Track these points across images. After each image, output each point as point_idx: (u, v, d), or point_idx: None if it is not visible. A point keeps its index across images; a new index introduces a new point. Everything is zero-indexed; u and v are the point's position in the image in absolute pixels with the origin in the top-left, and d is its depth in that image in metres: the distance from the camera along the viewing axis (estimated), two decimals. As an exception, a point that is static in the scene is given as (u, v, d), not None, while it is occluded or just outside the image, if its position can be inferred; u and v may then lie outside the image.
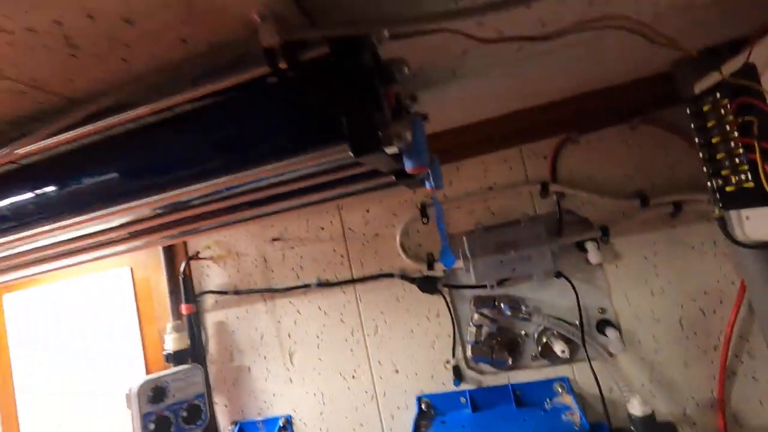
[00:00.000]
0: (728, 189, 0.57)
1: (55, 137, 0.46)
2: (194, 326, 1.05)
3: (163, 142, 0.45)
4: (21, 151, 0.47)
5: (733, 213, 0.62)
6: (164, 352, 0.97)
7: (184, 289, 1.05)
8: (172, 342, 0.97)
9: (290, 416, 1.01)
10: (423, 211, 0.94)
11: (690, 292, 0.83)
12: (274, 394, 1.02)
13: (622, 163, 0.86)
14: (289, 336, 1.02)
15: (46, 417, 1.18)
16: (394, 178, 0.54)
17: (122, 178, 0.45)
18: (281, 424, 1.00)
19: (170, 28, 0.36)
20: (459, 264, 0.89)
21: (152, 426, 0.84)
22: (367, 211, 0.99)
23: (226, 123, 0.42)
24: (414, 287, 0.95)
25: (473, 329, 0.87)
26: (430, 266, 0.93)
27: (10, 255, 0.69)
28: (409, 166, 0.38)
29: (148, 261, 1.13)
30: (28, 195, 0.50)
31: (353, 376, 0.98)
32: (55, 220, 0.51)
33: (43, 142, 0.46)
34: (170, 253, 1.09)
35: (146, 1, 0.32)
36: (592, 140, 0.88)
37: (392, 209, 0.97)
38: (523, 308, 0.84)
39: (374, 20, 0.35)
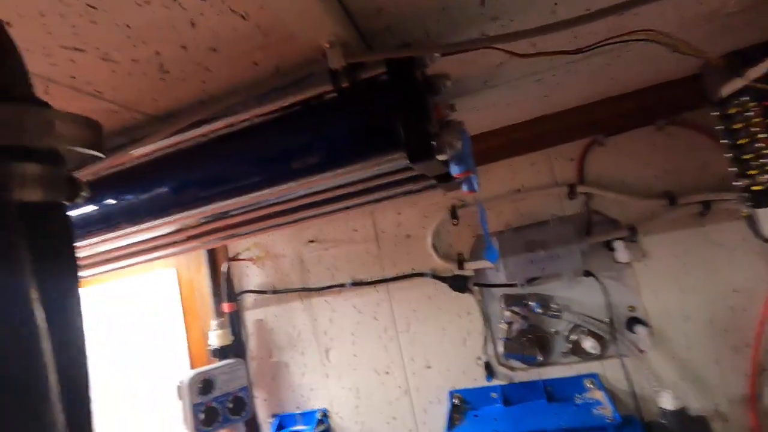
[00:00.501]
0: (755, 188, 0.59)
1: (134, 151, 0.52)
2: (235, 324, 1.11)
3: (229, 154, 0.51)
4: (104, 164, 0.53)
5: (761, 212, 0.64)
6: (209, 347, 1.03)
7: (225, 288, 1.12)
8: (216, 338, 1.03)
9: (326, 410, 1.06)
10: (453, 213, 0.98)
11: (720, 290, 0.84)
12: (311, 389, 1.08)
13: (649, 163, 0.88)
14: (325, 333, 1.07)
15: (99, 409, 1.26)
16: (435, 181, 0.58)
17: (193, 187, 0.51)
18: (318, 417, 1.04)
19: (247, 54, 0.41)
20: (489, 263, 0.93)
21: (202, 416, 0.90)
22: (399, 213, 1.04)
23: (287, 135, 0.47)
24: (445, 286, 0.98)
25: (504, 326, 0.90)
26: (461, 266, 0.97)
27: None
28: (456, 171, 0.42)
29: (191, 262, 1.20)
30: (107, 202, 0.56)
31: (387, 372, 1.02)
32: (115, 229, 0.56)
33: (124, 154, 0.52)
34: (212, 255, 1.16)
35: (233, 32, 0.37)
36: (619, 142, 0.90)
37: (423, 211, 1.02)
38: (553, 306, 0.87)
39: (428, 45, 0.39)
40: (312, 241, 1.09)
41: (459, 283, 0.97)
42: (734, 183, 0.63)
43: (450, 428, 0.86)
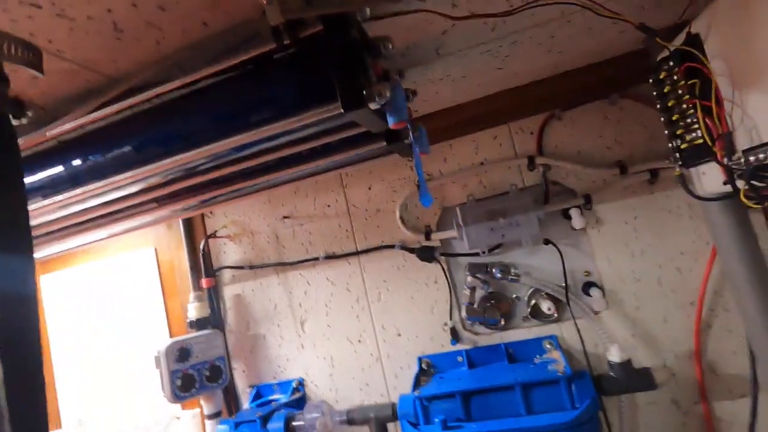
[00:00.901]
0: (683, 146, 0.63)
1: (93, 114, 0.55)
2: (214, 299, 1.15)
3: (187, 112, 0.54)
4: (67, 126, 0.56)
5: (693, 171, 0.68)
6: (187, 320, 1.07)
7: (203, 264, 1.15)
8: (194, 310, 1.06)
9: (302, 379, 1.10)
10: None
11: (668, 252, 0.89)
12: (287, 359, 1.12)
13: (602, 135, 0.93)
14: (300, 305, 1.11)
15: (83, 388, 1.29)
16: (385, 143, 0.62)
17: (154, 144, 0.54)
18: (294, 386, 1.09)
19: (195, 13, 0.45)
20: (453, 233, 0.97)
21: (179, 382, 0.94)
22: (369, 188, 1.07)
23: (238, 93, 0.51)
24: (413, 257, 1.03)
25: (467, 292, 0.95)
26: (428, 237, 1.01)
27: (46, 222, 0.79)
28: (391, 121, 0.46)
29: (170, 241, 1.23)
30: (70, 164, 0.60)
31: (359, 341, 1.06)
32: (85, 184, 0.59)
33: (84, 118, 0.55)
34: (190, 233, 1.19)
35: (178, -10, 0.41)
36: (575, 115, 0.95)
37: (392, 186, 1.06)
38: (513, 270, 0.91)
39: (355, 1, 0.43)
40: (286, 218, 1.13)
41: (426, 254, 1.01)
42: (668, 145, 0.68)
43: (415, 388, 0.91)
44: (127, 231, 0.95)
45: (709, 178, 0.65)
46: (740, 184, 0.54)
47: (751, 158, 0.50)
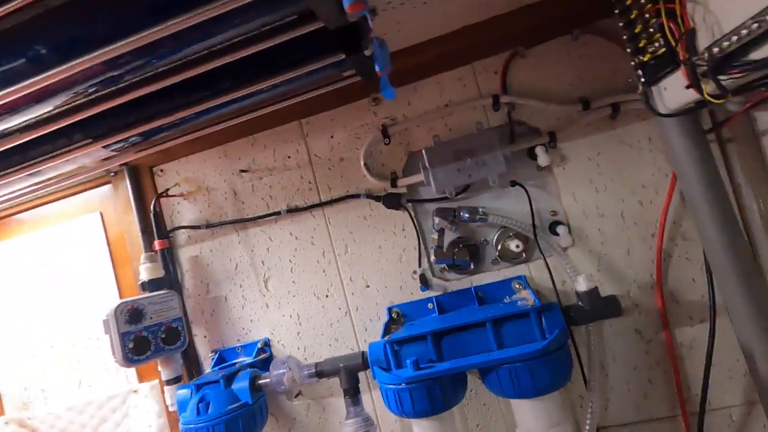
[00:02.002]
0: (647, 59, 0.63)
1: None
2: (169, 262, 1.07)
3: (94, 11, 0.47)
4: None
5: (654, 89, 0.68)
6: (139, 282, 0.99)
7: (155, 226, 1.07)
8: (146, 271, 0.99)
9: (268, 339, 1.05)
10: (384, 132, 0.98)
11: (630, 186, 0.90)
12: (251, 320, 1.06)
13: (566, 72, 0.92)
14: (262, 263, 1.06)
15: (28, 369, 1.19)
16: (343, 55, 0.57)
17: (73, 43, 0.47)
18: (260, 347, 1.04)
19: None
20: (420, 178, 0.95)
21: (131, 344, 0.87)
22: (332, 137, 1.03)
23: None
24: (380, 206, 0.99)
25: (435, 236, 0.92)
26: (394, 183, 0.98)
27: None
28: (345, 3, 0.42)
29: (117, 204, 1.14)
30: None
31: (327, 295, 1.03)
32: None
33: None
34: (139, 193, 1.11)
35: None
36: (538, 53, 0.93)
37: (355, 133, 1.01)
38: (481, 210, 0.90)
39: None
40: (244, 171, 1.06)
41: (392, 201, 0.98)
42: (631, 62, 0.67)
43: (385, 335, 0.88)
44: (61, 180, 0.86)
45: (670, 93, 0.64)
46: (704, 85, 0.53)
47: (715, 49, 0.49)
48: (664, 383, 0.89)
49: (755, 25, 0.42)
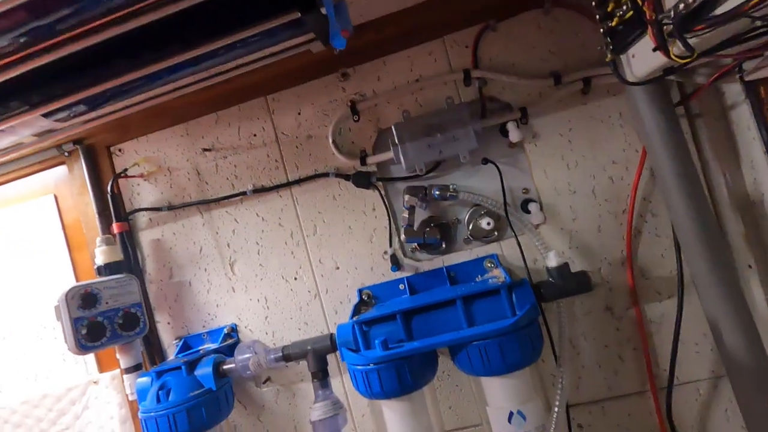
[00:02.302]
0: (615, 24, 0.61)
1: None
2: (128, 246, 1.02)
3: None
4: None
5: (623, 57, 0.67)
6: (95, 266, 0.94)
7: (113, 208, 1.02)
8: (102, 255, 0.93)
9: (235, 324, 1.01)
10: (353, 108, 0.95)
11: (601, 162, 0.89)
12: (217, 305, 1.02)
13: (537, 46, 0.90)
14: (228, 246, 1.02)
15: (-25, 357, 1.12)
16: (299, 13, 0.54)
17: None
18: (226, 332, 1.00)
19: None
20: (390, 155, 0.92)
21: (84, 330, 0.82)
22: (299, 113, 0.99)
23: None
24: (349, 185, 0.96)
25: (405, 214, 0.90)
26: (363, 162, 0.95)
27: None
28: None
29: (73, 186, 1.08)
30: None
31: (295, 278, 0.99)
32: None
33: None
34: (95, 174, 1.05)
35: None
36: (509, 26, 0.91)
37: (323, 109, 0.98)
38: (452, 187, 0.88)
39: None
40: (207, 150, 1.02)
41: (362, 180, 0.95)
42: (600, 29, 0.65)
43: (354, 316, 0.85)
44: (7, 153, 0.80)
45: (639, 60, 0.63)
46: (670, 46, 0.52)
47: (681, 6, 0.47)
48: (633, 360, 0.89)
49: (721, -25, 0.41)
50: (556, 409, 0.77)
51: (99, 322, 0.84)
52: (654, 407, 0.88)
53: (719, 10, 0.44)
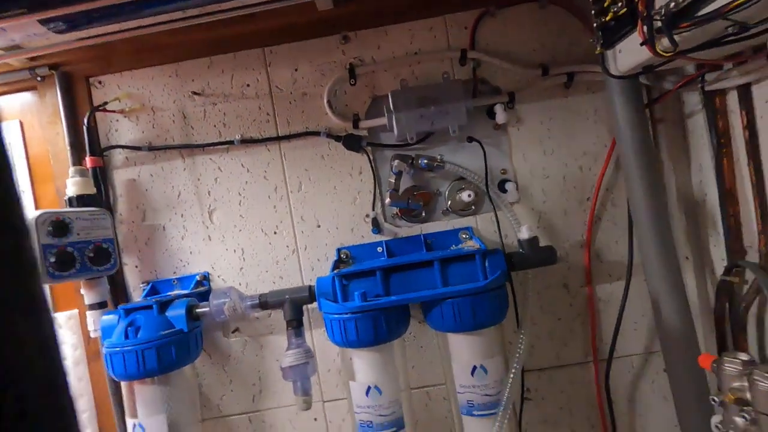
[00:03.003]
0: (608, 19, 0.68)
1: None
2: (100, 182, 0.98)
3: None
4: None
5: (610, 52, 0.74)
6: (66, 197, 0.90)
7: (88, 141, 0.97)
8: (74, 186, 0.89)
9: (208, 273, 1.01)
10: (351, 72, 0.97)
11: (573, 152, 0.97)
12: (191, 252, 1.01)
13: (530, 37, 0.97)
14: (208, 194, 1.01)
15: None
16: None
17: None
18: (198, 280, 0.99)
19: None
20: (382, 121, 0.95)
21: (53, 258, 0.79)
22: (296, 70, 0.99)
23: None
24: (339, 146, 0.98)
25: (392, 179, 0.94)
26: (356, 125, 0.97)
27: None
28: None
29: (43, 113, 1.01)
30: None
31: (275, 232, 1.00)
32: None
33: None
34: (71, 104, 0.99)
35: None
36: (507, 14, 0.97)
37: (321, 69, 0.99)
38: (439, 157, 0.92)
39: None
40: (197, 94, 0.99)
41: (353, 142, 0.97)
42: (593, 23, 0.72)
43: (334, 270, 0.88)
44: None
45: (624, 55, 0.70)
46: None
47: (671, 5, 0.54)
48: (581, 333, 0.99)
49: (710, -22, 0.48)
50: (514, 368, 0.84)
51: (69, 252, 0.81)
52: (594, 377, 0.98)
53: (704, 10, 0.51)
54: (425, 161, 0.93)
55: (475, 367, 0.80)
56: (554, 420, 1.00)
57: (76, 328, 1.01)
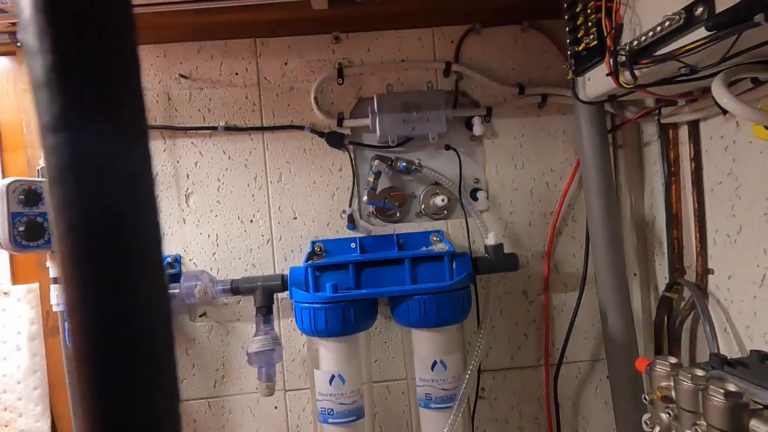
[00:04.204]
0: (581, 49, 0.75)
1: None
2: (75, 155, 0.96)
3: None
4: None
5: (580, 79, 0.81)
6: (39, 167, 0.88)
7: (66, 113, 0.96)
8: (50, 156, 0.88)
9: (179, 256, 1.01)
10: (340, 71, 1.00)
11: (542, 168, 1.04)
12: (163, 234, 1.01)
13: (510, 57, 1.03)
14: (187, 177, 1.01)
15: None
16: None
17: None
18: (169, 261, 0.99)
19: None
20: (366, 122, 0.99)
21: (22, 227, 0.78)
22: (286, 63, 1.02)
23: None
24: (321, 142, 1.01)
25: (371, 178, 0.97)
26: (340, 123, 1.00)
27: None
28: None
29: (18, 80, 0.99)
30: None
31: (251, 221, 1.02)
32: None
33: None
34: (51, 73, 0.97)
35: None
36: (491, 34, 1.03)
37: (311, 66, 1.02)
38: (417, 161, 0.97)
39: None
40: (184, 77, 1.00)
41: (336, 139, 1.00)
42: (567, 51, 0.79)
43: (308, 260, 0.91)
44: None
45: (592, 83, 0.77)
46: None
47: (634, 43, 0.61)
48: (535, 338, 1.05)
49: (667, 23, 0.54)
50: (471, 365, 0.89)
51: (39, 222, 0.80)
52: (544, 380, 1.05)
53: (660, 51, 0.58)
54: (404, 164, 0.97)
55: (435, 362, 0.85)
56: (504, 418, 1.05)
57: (35, 302, 0.98)
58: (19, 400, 0.98)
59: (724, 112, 0.74)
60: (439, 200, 0.99)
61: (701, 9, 0.51)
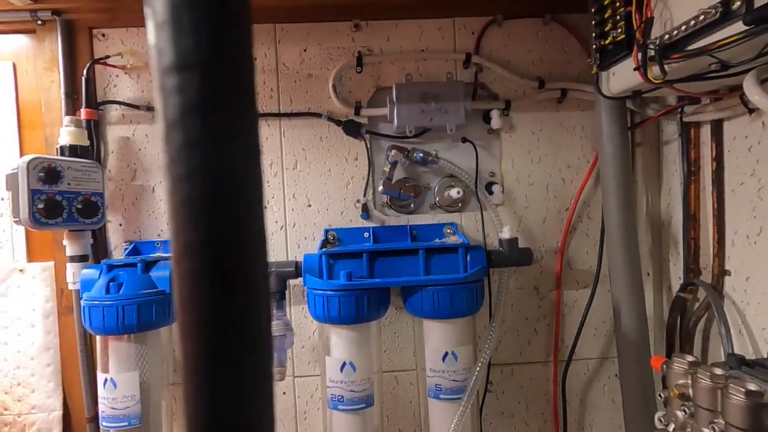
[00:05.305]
0: (607, 43, 0.74)
1: None
2: (93, 136, 0.97)
3: None
4: None
5: (604, 74, 0.80)
6: (58, 145, 0.89)
7: (86, 93, 0.96)
8: (69, 135, 0.88)
9: (194, 239, 1.01)
10: (359, 60, 1.00)
11: (558, 164, 1.04)
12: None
13: (531, 50, 1.02)
14: (203, 161, 1.01)
15: None
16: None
17: None
18: (183, 244, 0.99)
19: None
20: (384, 111, 0.98)
21: (41, 205, 0.78)
22: (305, 50, 1.01)
23: None
24: (338, 130, 1.01)
25: (387, 168, 0.97)
26: (357, 112, 1.00)
27: None
28: None
29: (39, 58, 0.99)
30: None
31: (265, 207, 1.01)
32: None
33: None
34: (70, 52, 0.98)
35: None
36: (512, 26, 1.02)
37: (329, 53, 1.01)
38: (434, 152, 0.96)
39: None
40: (203, 60, 0.99)
41: (353, 128, 1.00)
42: (591, 45, 0.78)
43: (321, 248, 0.91)
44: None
45: (617, 78, 0.76)
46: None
47: (665, 37, 0.60)
48: (545, 334, 1.05)
49: (702, 16, 0.53)
50: (482, 358, 0.89)
51: (58, 201, 0.81)
52: (552, 376, 1.05)
53: (693, 45, 0.57)
54: (421, 155, 0.96)
55: (446, 353, 0.85)
56: (511, 412, 1.06)
57: (49, 280, 0.99)
58: (32, 376, 0.99)
59: (750, 111, 0.74)
60: (454, 192, 0.98)
61: (739, 3, 0.50)
